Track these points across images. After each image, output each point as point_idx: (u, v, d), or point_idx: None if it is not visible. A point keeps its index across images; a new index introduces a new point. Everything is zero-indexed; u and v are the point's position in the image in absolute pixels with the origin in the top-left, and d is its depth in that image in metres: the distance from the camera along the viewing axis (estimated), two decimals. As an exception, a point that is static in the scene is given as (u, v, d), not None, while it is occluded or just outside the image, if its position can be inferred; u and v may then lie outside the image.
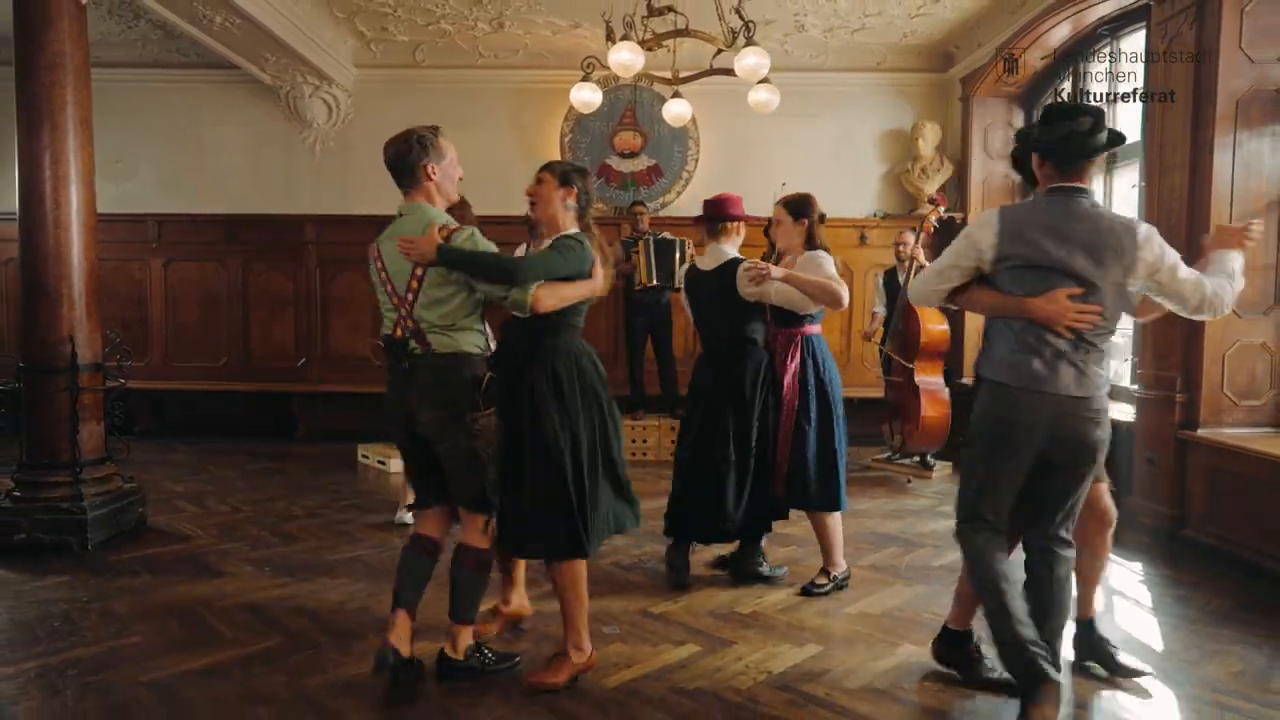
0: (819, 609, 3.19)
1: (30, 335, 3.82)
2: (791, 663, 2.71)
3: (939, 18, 6.21)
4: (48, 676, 2.53)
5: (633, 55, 4.09)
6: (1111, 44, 5.49)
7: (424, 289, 2.42)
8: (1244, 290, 3.90)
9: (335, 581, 3.43)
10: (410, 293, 2.44)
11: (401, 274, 2.45)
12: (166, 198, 7.03)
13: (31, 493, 3.79)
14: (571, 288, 2.52)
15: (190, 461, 5.88)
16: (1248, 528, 3.70)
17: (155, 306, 7.06)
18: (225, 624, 2.96)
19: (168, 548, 3.87)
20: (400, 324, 2.47)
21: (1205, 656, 2.80)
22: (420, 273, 2.42)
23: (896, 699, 2.48)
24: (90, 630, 2.89)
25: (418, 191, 2.52)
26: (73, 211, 3.83)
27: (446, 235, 2.39)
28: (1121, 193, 5.43)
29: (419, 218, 2.47)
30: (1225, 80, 3.88)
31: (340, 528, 4.25)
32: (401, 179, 2.53)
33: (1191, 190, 4.03)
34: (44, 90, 3.74)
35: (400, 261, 2.44)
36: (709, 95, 6.45)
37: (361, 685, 2.51)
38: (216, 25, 5.50)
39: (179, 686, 2.48)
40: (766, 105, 4.58)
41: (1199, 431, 3.96)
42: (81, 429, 3.85)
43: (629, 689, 2.52)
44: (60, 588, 3.31)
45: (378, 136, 7.53)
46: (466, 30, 6.48)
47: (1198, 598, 3.36)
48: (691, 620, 3.07)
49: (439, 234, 2.39)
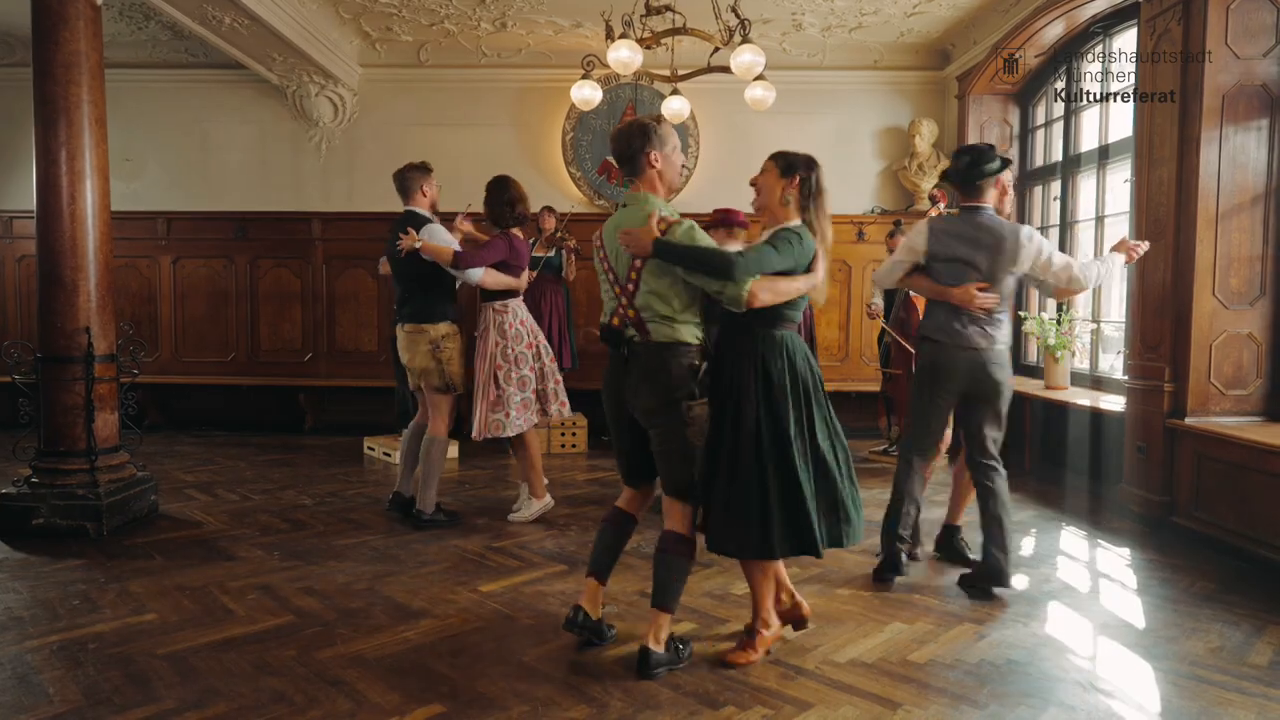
0: (812, 590, 3.28)
1: (47, 326, 3.93)
2: (783, 638, 2.81)
3: (935, 16, 6.30)
4: (70, 650, 2.64)
5: (631, 53, 4.19)
6: (1104, 41, 5.57)
7: (643, 279, 2.49)
8: (1230, 281, 4.02)
9: (343, 565, 3.54)
10: (630, 283, 2.52)
11: (623, 264, 2.53)
12: (175, 196, 7.16)
13: (49, 479, 3.90)
14: (789, 282, 2.50)
15: (200, 453, 5.99)
16: (1233, 514, 3.78)
17: (165, 303, 7.19)
18: (237, 603, 3.07)
19: (180, 533, 3.98)
20: (620, 313, 2.55)
21: (1185, 634, 2.88)
22: (639, 264, 2.49)
23: (884, 671, 2.58)
24: (108, 608, 3.00)
25: (641, 180, 2.58)
26: (88, 206, 3.94)
27: (665, 228, 2.45)
28: (1114, 188, 5.52)
29: (641, 208, 2.52)
30: (1212, 76, 3.97)
31: (348, 516, 4.36)
32: (626, 168, 2.58)
33: (1179, 184, 4.12)
34: (60, 89, 3.85)
35: (621, 251, 2.52)
36: (708, 94, 6.57)
37: (369, 658, 2.61)
38: (225, 26, 5.61)
39: (194, 659, 2.59)
40: (762, 102, 4.67)
41: (1187, 420, 4.04)
42: (96, 418, 3.96)
43: (625, 662, 2.62)
44: (78, 569, 3.42)
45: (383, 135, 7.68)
46: (470, 30, 6.59)
47: (1181, 580, 3.45)
48: (688, 600, 3.15)
49: (658, 226, 2.44)
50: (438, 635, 2.81)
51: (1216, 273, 4.04)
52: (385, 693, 2.39)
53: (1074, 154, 5.96)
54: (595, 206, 7.07)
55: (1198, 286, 4.04)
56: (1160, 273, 4.23)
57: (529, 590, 3.26)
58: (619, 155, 2.58)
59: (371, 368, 7.05)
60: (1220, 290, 4.04)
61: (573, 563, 3.59)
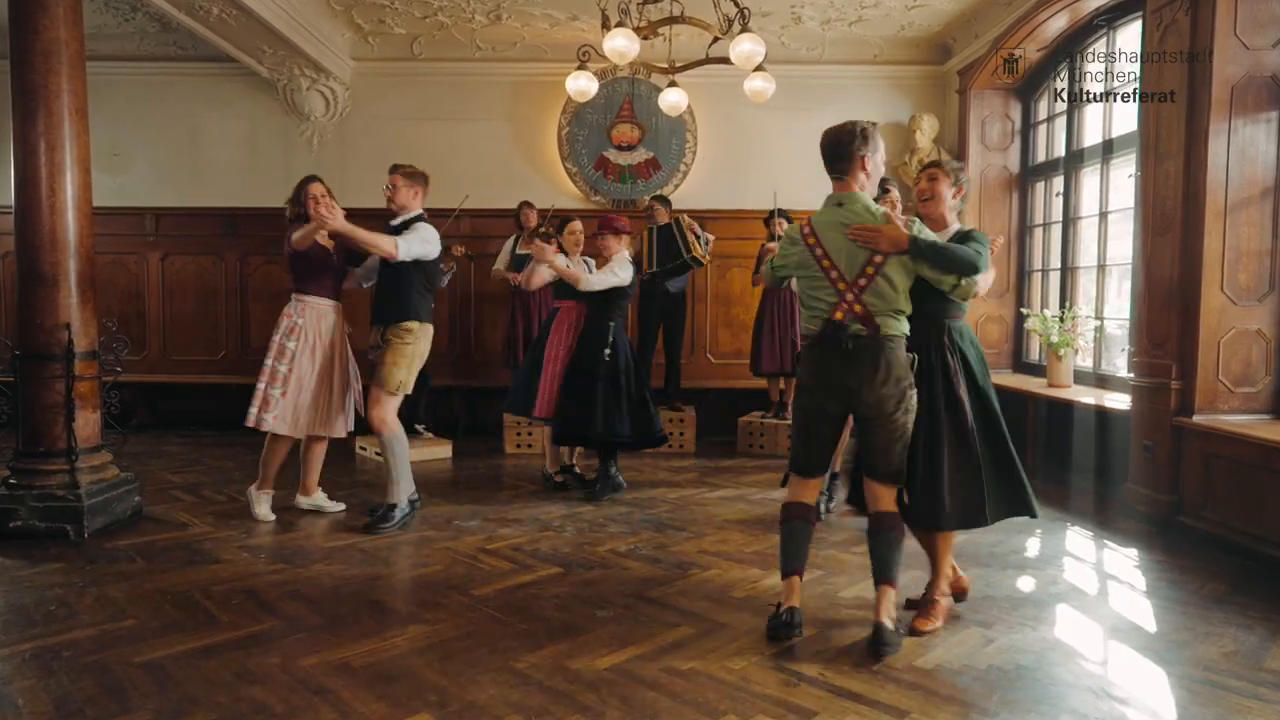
0: (814, 594, 3.19)
1: (26, 321, 3.82)
2: (786, 644, 2.71)
3: (936, 10, 6.22)
4: (44, 658, 2.53)
5: (628, 42, 4.09)
6: (1108, 34, 5.49)
7: (879, 275, 2.59)
8: (1239, 277, 3.94)
9: (331, 568, 3.44)
10: (864, 278, 2.59)
11: (857, 260, 2.60)
12: (163, 191, 7.04)
13: (28, 480, 3.79)
14: (984, 277, 2.75)
15: (187, 453, 5.88)
16: (1243, 513, 3.70)
17: (152, 300, 7.07)
18: (220, 608, 2.97)
19: (163, 535, 3.88)
20: (845, 308, 2.62)
21: (1197, 638, 2.80)
22: (880, 260, 2.57)
23: (889, 677, 2.49)
24: (86, 614, 2.89)
25: (851, 180, 2.66)
26: (68, 198, 3.83)
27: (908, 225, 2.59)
28: (1117, 182, 5.44)
29: (859, 206, 2.63)
30: (1220, 67, 3.88)
31: (335, 517, 4.26)
32: (836, 166, 2.66)
33: (1187, 178, 4.03)
34: (39, 77, 3.74)
35: (849, 248, 2.59)
36: (706, 87, 6.47)
37: (356, 665, 2.52)
38: (213, 17, 5.50)
39: (173, 667, 2.48)
40: (762, 94, 4.58)
41: (1195, 418, 3.96)
42: (77, 417, 3.85)
43: (621, 669, 2.52)
44: (56, 573, 3.31)
45: (375, 130, 7.57)
46: (464, 23, 6.49)
47: (1191, 581, 3.37)
48: (686, 603, 3.07)
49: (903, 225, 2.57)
50: (427, 641, 2.71)
51: (1225, 268, 3.95)
52: (371, 702, 2.29)
53: (1077, 149, 5.88)
54: (591, 202, 6.97)
55: (1206, 282, 3.96)
56: (1167, 268, 4.15)
57: (522, 594, 3.16)
58: (832, 153, 2.66)
59: (362, 366, 6.92)
60: (1229, 286, 3.96)
61: (568, 565, 3.49)
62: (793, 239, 2.76)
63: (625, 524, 4.17)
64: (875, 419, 2.66)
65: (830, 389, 2.70)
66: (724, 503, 4.64)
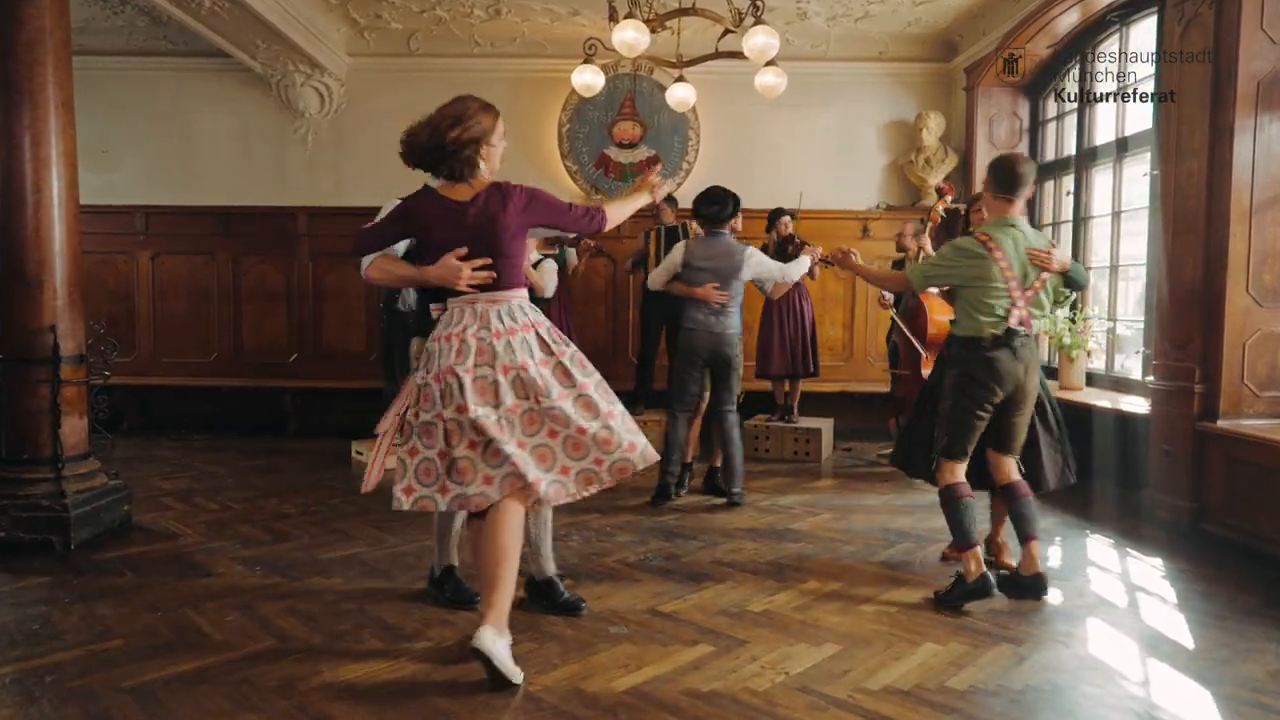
0: (834, 607, 3.07)
1: (9, 324, 3.66)
2: (810, 663, 2.59)
3: (943, 5, 6.11)
4: (25, 683, 2.38)
5: (638, 34, 3.95)
6: (1121, 30, 5.39)
7: (1042, 289, 3.12)
8: (1264, 278, 3.84)
9: (330, 581, 3.29)
10: (1031, 290, 3.10)
11: (1031, 275, 3.10)
12: (154, 189, 6.87)
13: (11, 490, 3.63)
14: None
15: (178, 458, 5.72)
16: (1270, 521, 3.59)
17: (143, 301, 6.89)
18: (213, 626, 2.82)
19: (154, 546, 3.72)
20: (1016, 314, 3.09)
21: (1238, 655, 2.68)
22: (1045, 276, 3.11)
23: (922, 699, 2.36)
24: (71, 634, 2.74)
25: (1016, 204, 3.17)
26: (54, 196, 3.67)
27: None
28: (1131, 181, 5.34)
29: (1031, 232, 3.18)
30: (1246, 62, 3.77)
31: (334, 525, 4.11)
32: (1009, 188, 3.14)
33: (1210, 176, 3.92)
34: (24, 69, 3.58)
35: (1027, 265, 3.09)
36: (710, 84, 6.33)
37: (360, 687, 2.38)
38: (205, 10, 5.34)
39: (163, 693, 2.34)
40: (774, 89, 4.45)
41: (1219, 423, 3.86)
42: (64, 423, 3.69)
43: (640, 692, 2.39)
44: (40, 588, 3.16)
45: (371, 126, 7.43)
46: (462, 18, 6.35)
47: (1222, 593, 3.25)
48: (702, 619, 2.94)
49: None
50: (434, 660, 2.57)
51: (1250, 269, 3.85)
52: (376, 730, 2.15)
53: (1088, 147, 5.78)
54: (592, 201, 6.83)
55: (1230, 283, 3.85)
56: (1189, 269, 4.04)
57: (532, 608, 3.02)
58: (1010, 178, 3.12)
59: (359, 368, 6.78)
60: (1254, 287, 3.86)
61: (576, 576, 3.35)
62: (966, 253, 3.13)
63: (633, 532, 4.04)
64: (1025, 402, 3.18)
65: (1009, 383, 3.13)
66: (733, 509, 4.51)
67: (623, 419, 2.54)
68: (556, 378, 2.48)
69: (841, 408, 6.53)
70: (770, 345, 5.76)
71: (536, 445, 2.45)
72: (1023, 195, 3.14)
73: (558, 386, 2.47)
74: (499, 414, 2.41)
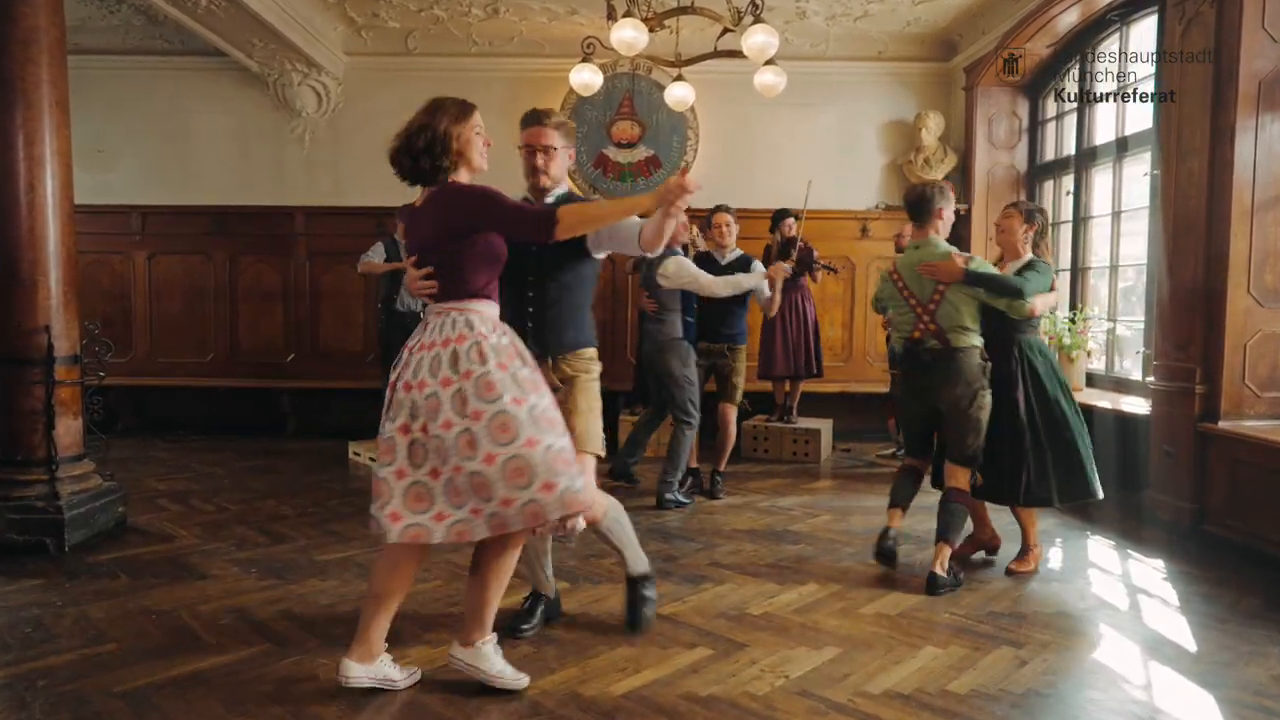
0: (834, 609, 3.05)
1: (3, 325, 3.62)
2: (810, 666, 2.57)
3: (942, 5, 6.09)
4: (16, 688, 2.36)
5: (636, 33, 3.92)
6: (1121, 29, 5.37)
7: (945, 299, 3.26)
8: (1265, 278, 3.83)
9: (325, 584, 3.27)
10: (932, 303, 3.28)
11: (926, 288, 3.29)
12: (150, 189, 6.83)
13: (4, 491, 3.60)
14: (1043, 298, 3.34)
15: (175, 459, 5.69)
16: (1271, 522, 3.57)
17: (139, 301, 6.86)
18: (208, 629, 2.80)
19: (149, 549, 3.69)
20: (920, 327, 3.32)
21: (1241, 658, 2.67)
22: (943, 288, 3.25)
23: (923, 704, 2.34)
24: (64, 637, 2.71)
25: (929, 227, 3.36)
26: (49, 195, 3.64)
27: (965, 261, 3.23)
28: (1131, 181, 5.32)
29: (934, 248, 3.31)
30: (1247, 61, 3.76)
31: (331, 527, 4.09)
32: (917, 216, 3.37)
33: (1211, 176, 3.91)
34: (17, 67, 3.55)
35: (920, 280, 3.29)
36: (709, 84, 6.31)
37: (351, 692, 2.35)
38: (201, 8, 5.31)
39: (157, 697, 2.31)
40: (773, 88, 4.43)
41: (1220, 424, 3.84)
42: (58, 424, 3.66)
43: (638, 696, 2.37)
44: (33, 591, 3.13)
45: (369, 126, 7.38)
46: (460, 17, 6.32)
47: (1224, 595, 3.23)
48: (701, 622, 2.92)
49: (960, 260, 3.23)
50: (430, 666, 2.55)
51: (1251, 269, 3.83)
52: (372, 736, 2.13)
53: (1088, 147, 5.77)
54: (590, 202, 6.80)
55: (1231, 283, 3.84)
56: (1191, 269, 4.02)
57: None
58: (917, 207, 3.36)
59: (357, 369, 6.75)
60: (1255, 287, 3.84)
61: (574, 579, 3.33)
62: (884, 278, 3.51)
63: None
64: (952, 413, 3.31)
65: (914, 393, 3.42)
66: (731, 510, 4.49)
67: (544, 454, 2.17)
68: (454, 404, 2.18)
69: (841, 408, 6.51)
70: (773, 346, 5.74)
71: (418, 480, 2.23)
72: (930, 220, 3.35)
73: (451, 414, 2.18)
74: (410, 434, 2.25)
